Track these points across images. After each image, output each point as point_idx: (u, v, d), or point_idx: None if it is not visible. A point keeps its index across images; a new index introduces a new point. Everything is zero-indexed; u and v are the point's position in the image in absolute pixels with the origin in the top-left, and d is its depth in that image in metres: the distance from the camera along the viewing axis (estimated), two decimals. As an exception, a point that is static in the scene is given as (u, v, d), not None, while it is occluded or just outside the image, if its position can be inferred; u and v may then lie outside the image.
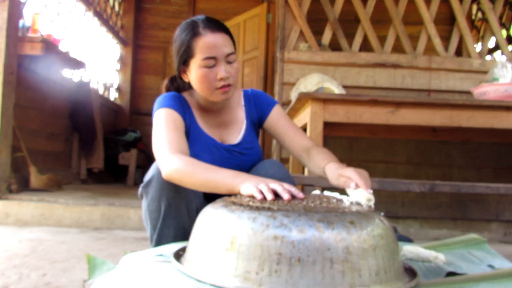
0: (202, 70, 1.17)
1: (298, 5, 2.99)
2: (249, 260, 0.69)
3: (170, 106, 1.23)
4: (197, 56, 1.17)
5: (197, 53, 1.17)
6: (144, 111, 5.62)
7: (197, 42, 1.17)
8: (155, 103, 1.26)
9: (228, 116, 1.35)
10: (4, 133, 2.58)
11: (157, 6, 5.69)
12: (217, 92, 1.20)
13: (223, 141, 1.33)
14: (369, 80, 2.98)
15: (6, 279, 1.33)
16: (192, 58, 1.18)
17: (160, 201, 1.15)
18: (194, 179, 1.02)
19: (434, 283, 0.81)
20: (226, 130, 1.34)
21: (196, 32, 1.17)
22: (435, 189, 2.01)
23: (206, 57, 1.16)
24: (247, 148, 1.34)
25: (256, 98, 1.39)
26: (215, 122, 1.33)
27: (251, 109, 1.38)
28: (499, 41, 3.13)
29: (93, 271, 0.89)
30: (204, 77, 1.18)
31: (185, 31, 1.20)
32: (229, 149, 1.31)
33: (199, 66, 1.17)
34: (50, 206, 2.45)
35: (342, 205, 0.84)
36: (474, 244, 1.26)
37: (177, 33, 1.24)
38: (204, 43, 1.16)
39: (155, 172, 1.15)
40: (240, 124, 1.36)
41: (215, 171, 1.01)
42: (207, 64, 1.17)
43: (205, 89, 1.20)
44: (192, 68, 1.20)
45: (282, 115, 1.38)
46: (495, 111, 2.07)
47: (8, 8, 2.56)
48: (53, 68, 3.52)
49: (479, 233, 2.79)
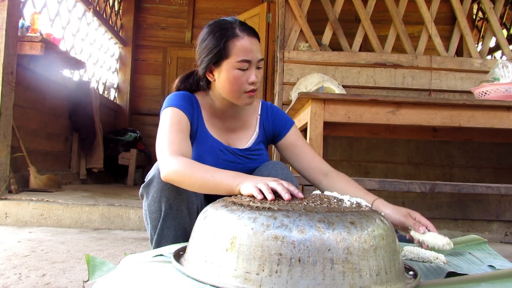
0: (235, 72, 1.17)
1: (298, 4, 2.99)
2: (249, 261, 0.69)
3: (178, 105, 1.21)
4: (232, 58, 1.16)
5: (232, 54, 1.16)
6: (144, 111, 5.62)
7: (234, 44, 1.16)
8: (165, 101, 1.25)
9: (239, 122, 1.35)
10: (3, 133, 2.58)
11: (157, 6, 5.69)
12: (244, 96, 1.20)
13: (230, 144, 1.31)
14: (369, 79, 2.98)
15: (5, 279, 1.32)
16: (227, 59, 1.16)
17: (161, 201, 1.15)
18: (193, 181, 1.02)
19: (434, 283, 0.81)
20: (234, 134, 1.33)
21: (234, 33, 1.16)
22: (435, 189, 2.01)
23: (242, 59, 1.15)
24: (254, 154, 1.33)
25: (275, 113, 1.39)
26: (224, 127, 1.32)
27: (267, 121, 1.38)
28: (500, 40, 3.13)
29: (93, 271, 0.89)
30: (236, 79, 1.17)
31: (219, 31, 1.18)
32: (235, 153, 1.30)
33: (232, 67, 1.16)
34: (50, 206, 2.44)
35: (343, 205, 0.84)
36: (474, 245, 1.26)
37: (207, 31, 1.21)
38: (241, 45, 1.16)
39: (156, 172, 1.15)
40: (251, 131, 1.35)
41: (214, 172, 1.01)
42: (241, 66, 1.16)
43: (233, 91, 1.19)
44: (224, 68, 1.18)
45: (299, 136, 1.37)
46: (495, 111, 2.06)
47: (8, 8, 2.56)
48: (53, 68, 3.51)
49: (480, 233, 2.79)
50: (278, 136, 1.38)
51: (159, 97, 5.62)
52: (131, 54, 5.50)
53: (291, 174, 1.28)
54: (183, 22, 5.69)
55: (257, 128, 1.36)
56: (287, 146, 1.36)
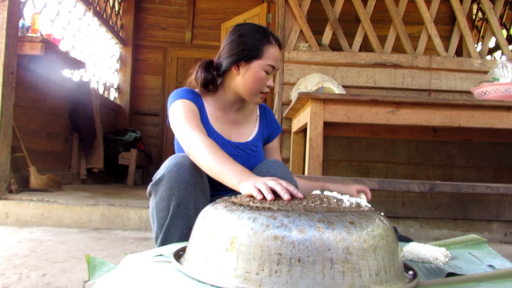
0: (262, 73, 1.31)
1: (298, 5, 2.99)
2: (249, 261, 0.69)
3: (186, 97, 1.31)
4: (264, 60, 1.31)
5: (265, 57, 1.31)
6: (144, 111, 5.62)
7: (268, 49, 1.31)
8: (170, 97, 1.34)
9: (240, 117, 1.45)
10: (3, 133, 2.58)
11: (157, 6, 5.69)
12: (259, 96, 1.35)
13: (231, 139, 1.39)
14: (369, 80, 2.98)
15: (5, 279, 1.33)
16: (259, 59, 1.31)
17: (170, 200, 1.15)
18: (205, 162, 1.08)
19: (434, 283, 0.81)
20: (236, 129, 1.42)
21: (270, 40, 1.32)
22: (435, 189, 2.01)
23: (271, 64, 1.31)
24: (253, 150, 1.41)
25: (270, 116, 1.54)
26: (226, 121, 1.41)
27: (265, 122, 1.51)
28: (500, 41, 3.13)
29: (93, 271, 0.89)
30: (260, 79, 1.32)
31: (259, 34, 1.32)
32: (236, 146, 1.38)
33: (261, 68, 1.31)
34: (50, 206, 2.44)
35: (342, 205, 0.84)
36: (474, 244, 1.26)
37: (247, 30, 1.34)
38: (274, 52, 1.32)
39: (166, 170, 1.16)
40: (251, 129, 1.46)
41: (225, 161, 1.05)
42: (268, 70, 1.32)
43: (254, 89, 1.33)
44: (253, 67, 1.31)
45: (278, 144, 1.57)
46: (495, 111, 2.07)
47: (8, 8, 2.56)
48: (53, 68, 3.51)
49: (480, 233, 2.79)
50: (269, 138, 1.52)
51: (159, 97, 5.62)
52: (131, 54, 5.50)
53: (289, 173, 1.30)
54: (183, 22, 5.69)
55: (257, 126, 1.47)
56: (267, 150, 1.52)
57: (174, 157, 1.20)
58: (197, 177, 1.16)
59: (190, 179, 1.15)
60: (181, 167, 1.15)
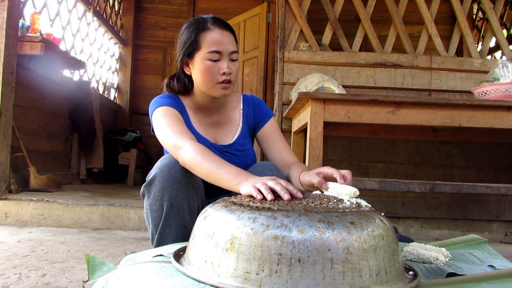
0: (206, 63, 1.23)
1: (298, 4, 2.99)
2: (249, 261, 0.69)
3: (166, 104, 1.27)
4: (203, 49, 1.23)
5: (203, 46, 1.23)
6: (144, 111, 5.62)
7: (204, 36, 1.23)
8: (151, 105, 1.31)
9: (223, 116, 1.40)
10: (3, 133, 2.58)
11: (157, 5, 5.69)
12: (218, 87, 1.26)
13: (217, 141, 1.36)
14: (369, 80, 2.98)
15: (5, 279, 1.32)
16: (198, 51, 1.24)
17: (163, 200, 1.15)
18: (201, 169, 1.06)
19: (434, 283, 0.81)
20: (220, 130, 1.38)
21: (204, 26, 1.24)
22: (435, 189, 2.01)
23: (211, 50, 1.22)
24: (239, 150, 1.37)
25: (256, 105, 1.45)
26: (209, 123, 1.37)
27: (249, 113, 1.44)
28: (500, 40, 3.13)
29: (93, 271, 0.89)
30: (207, 70, 1.23)
31: (192, 26, 1.26)
32: (221, 150, 1.34)
33: (204, 58, 1.23)
34: (50, 206, 2.44)
35: (342, 205, 0.84)
36: (474, 244, 1.25)
37: (183, 27, 1.30)
38: (211, 37, 1.23)
39: (157, 170, 1.15)
40: (235, 126, 1.40)
41: (219, 165, 1.04)
42: (212, 57, 1.23)
43: (206, 82, 1.25)
44: (196, 60, 1.25)
45: (276, 129, 1.44)
46: (495, 111, 2.06)
47: (8, 8, 2.56)
48: (53, 68, 3.51)
49: (480, 233, 2.79)
50: (257, 126, 1.44)
51: (159, 97, 5.62)
52: (131, 54, 5.50)
53: (281, 175, 1.28)
54: (183, 22, 5.62)
55: (240, 122, 1.42)
56: (263, 138, 1.42)
57: (165, 157, 1.19)
58: (189, 176, 1.15)
59: (182, 179, 1.14)
60: (173, 166, 1.14)
